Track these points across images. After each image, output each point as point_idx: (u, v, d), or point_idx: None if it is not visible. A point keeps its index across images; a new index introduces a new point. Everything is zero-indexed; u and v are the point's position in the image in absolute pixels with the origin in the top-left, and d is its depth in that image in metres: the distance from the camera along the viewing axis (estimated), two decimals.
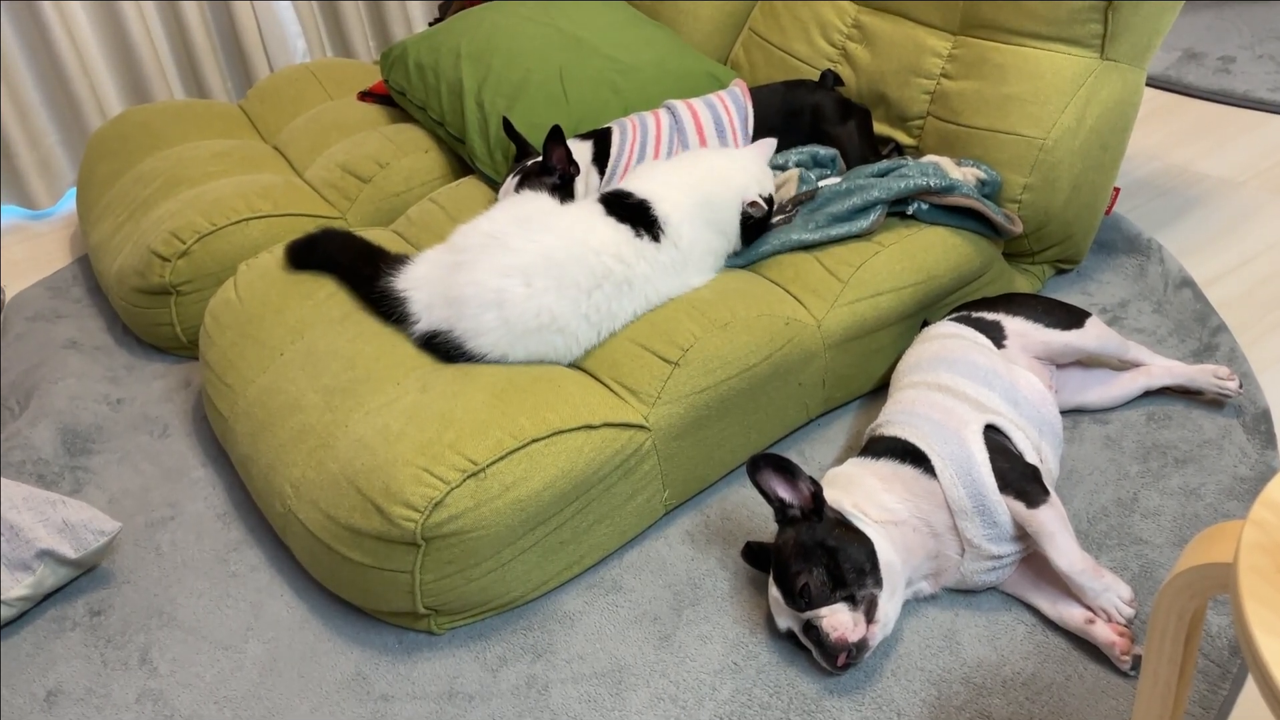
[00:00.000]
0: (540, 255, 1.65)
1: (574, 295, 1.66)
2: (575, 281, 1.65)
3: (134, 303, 2.23)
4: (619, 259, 1.68)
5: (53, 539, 1.64)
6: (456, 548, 1.49)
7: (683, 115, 2.07)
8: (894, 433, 1.56)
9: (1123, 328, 1.97)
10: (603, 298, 1.68)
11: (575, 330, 1.68)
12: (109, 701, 1.52)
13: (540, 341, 1.66)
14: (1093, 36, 1.89)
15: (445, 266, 1.71)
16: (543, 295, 1.64)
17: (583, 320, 1.67)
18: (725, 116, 2.07)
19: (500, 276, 1.64)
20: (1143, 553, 1.54)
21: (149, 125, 2.65)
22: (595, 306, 1.68)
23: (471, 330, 1.66)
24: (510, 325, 1.65)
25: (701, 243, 1.77)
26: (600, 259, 1.67)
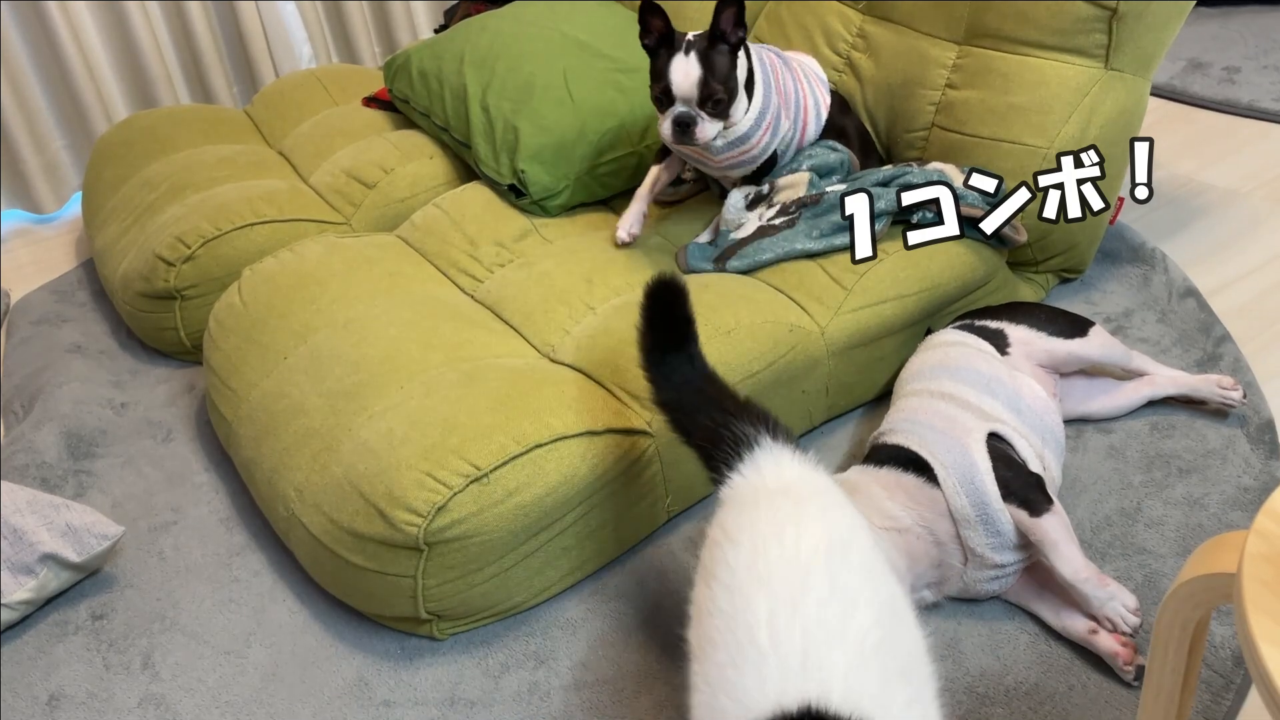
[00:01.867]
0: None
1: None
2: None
3: (138, 307, 2.24)
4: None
5: (56, 543, 1.64)
6: (459, 553, 1.49)
7: (785, 59, 2.03)
8: (897, 441, 1.56)
9: (1127, 337, 1.96)
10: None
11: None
12: (111, 706, 1.52)
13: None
14: (1097, 46, 1.90)
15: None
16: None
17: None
18: (808, 70, 2.07)
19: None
20: (1146, 563, 1.53)
21: (155, 130, 2.66)
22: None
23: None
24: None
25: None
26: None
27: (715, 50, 1.77)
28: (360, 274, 1.97)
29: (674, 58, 1.77)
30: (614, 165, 2.16)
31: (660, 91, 1.80)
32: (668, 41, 1.79)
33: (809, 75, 2.07)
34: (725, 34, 1.78)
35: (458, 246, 2.07)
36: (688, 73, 1.76)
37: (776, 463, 1.25)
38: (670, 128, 1.80)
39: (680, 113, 1.79)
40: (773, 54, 2.02)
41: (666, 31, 1.78)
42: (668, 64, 1.77)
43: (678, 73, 1.76)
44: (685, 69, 1.76)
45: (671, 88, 1.77)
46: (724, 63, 1.78)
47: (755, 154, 1.93)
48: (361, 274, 1.97)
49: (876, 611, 1.05)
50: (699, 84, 1.76)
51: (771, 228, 1.92)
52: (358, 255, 2.03)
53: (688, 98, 1.77)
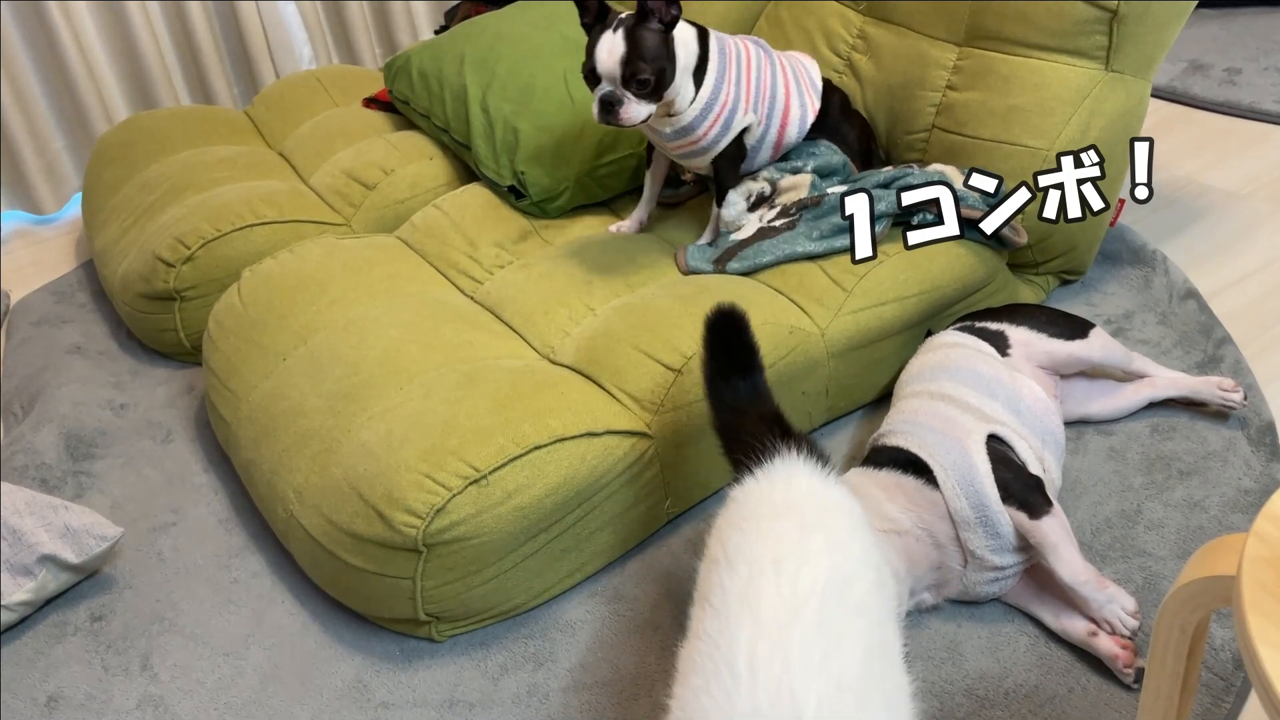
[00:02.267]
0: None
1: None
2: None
3: (138, 308, 2.24)
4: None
5: (55, 544, 1.64)
6: (458, 554, 1.49)
7: (771, 55, 2.01)
8: (896, 442, 1.56)
9: (1127, 339, 1.96)
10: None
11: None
12: (109, 707, 1.52)
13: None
14: (1097, 48, 1.90)
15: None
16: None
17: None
18: (801, 71, 2.05)
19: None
20: (1146, 565, 1.53)
21: (155, 131, 2.65)
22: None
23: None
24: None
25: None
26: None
27: (643, 28, 1.70)
28: (360, 275, 1.97)
29: (602, 35, 1.71)
30: (614, 167, 2.16)
31: (587, 70, 1.74)
32: (602, 19, 1.73)
33: (800, 77, 2.04)
34: (654, 11, 1.71)
35: (457, 248, 2.07)
36: (612, 50, 1.69)
37: (790, 473, 1.24)
38: (596, 108, 1.74)
39: (606, 92, 1.72)
40: (758, 48, 1.99)
41: (601, 9, 1.74)
42: (596, 41, 1.71)
43: (603, 50, 1.70)
44: (610, 46, 1.70)
45: (596, 66, 1.71)
46: (653, 41, 1.71)
47: (704, 145, 1.89)
48: (361, 275, 1.97)
49: (863, 652, 1.03)
50: (622, 62, 1.69)
51: (772, 229, 1.92)
52: (357, 256, 2.03)
53: (612, 76, 1.70)
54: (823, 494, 1.22)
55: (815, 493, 1.22)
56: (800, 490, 1.22)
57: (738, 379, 1.43)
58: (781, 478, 1.23)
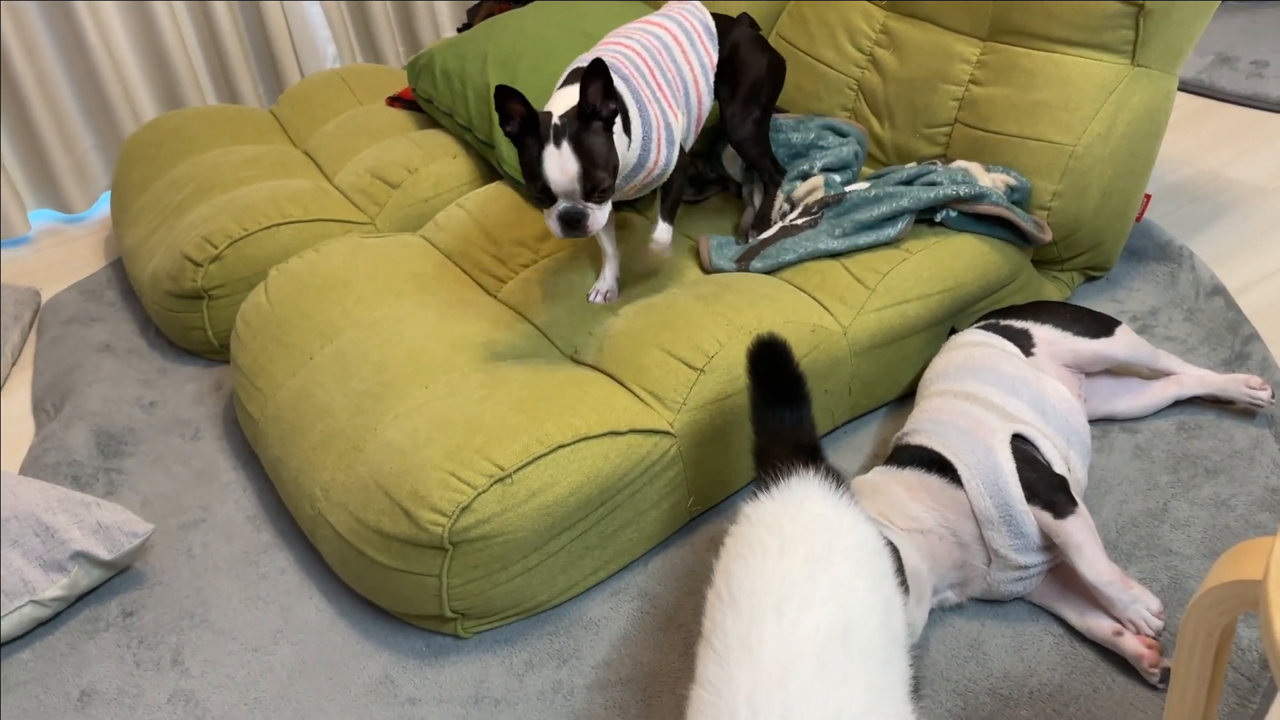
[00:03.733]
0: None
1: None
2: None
3: (167, 306, 2.26)
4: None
5: (87, 540, 1.67)
6: (483, 552, 1.50)
7: (657, 34, 1.87)
8: (920, 441, 1.55)
9: (1153, 336, 1.95)
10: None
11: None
12: (141, 702, 1.54)
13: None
14: (1123, 42, 1.88)
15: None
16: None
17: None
18: (689, 26, 1.92)
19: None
20: (1172, 564, 1.52)
21: (182, 131, 2.68)
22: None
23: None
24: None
25: None
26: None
27: (589, 132, 1.56)
28: (385, 275, 1.99)
29: (545, 150, 1.54)
30: None
31: (539, 190, 1.58)
32: (532, 128, 1.56)
33: (689, 29, 1.89)
34: (596, 110, 1.56)
35: (481, 247, 2.08)
36: (564, 167, 1.54)
37: (803, 496, 1.23)
38: (558, 226, 1.60)
39: (565, 209, 1.58)
40: (644, 40, 1.82)
41: (528, 115, 1.56)
42: (539, 157, 1.55)
43: (553, 169, 1.55)
44: (560, 163, 1.54)
45: (550, 185, 1.56)
46: (601, 145, 1.57)
47: (660, 170, 1.78)
48: (386, 275, 1.99)
49: (865, 694, 1.03)
50: (579, 178, 1.55)
51: (794, 228, 1.92)
52: (382, 256, 2.04)
53: (569, 193, 1.57)
54: (833, 523, 1.21)
55: (825, 522, 1.20)
56: (810, 519, 1.20)
57: (784, 408, 1.42)
58: (794, 502, 1.23)
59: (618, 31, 1.90)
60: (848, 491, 1.27)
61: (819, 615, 1.08)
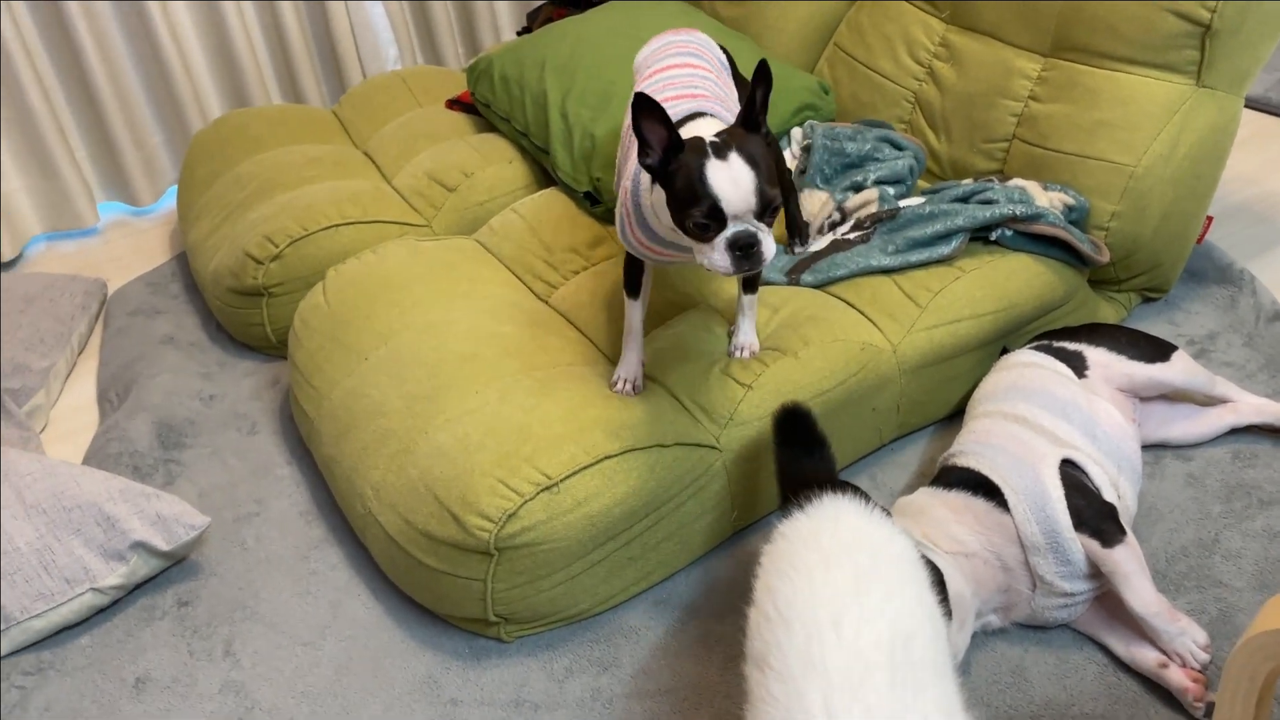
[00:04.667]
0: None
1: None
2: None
3: (228, 302, 2.32)
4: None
5: (146, 531, 1.72)
6: (528, 559, 1.53)
7: (701, 74, 1.70)
8: (967, 463, 1.55)
9: (1211, 361, 1.92)
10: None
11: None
12: (194, 690, 1.59)
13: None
14: (1188, 63, 1.85)
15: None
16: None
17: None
18: (712, 58, 1.79)
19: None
20: (1221, 596, 1.50)
21: (247, 129, 2.74)
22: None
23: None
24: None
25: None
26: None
27: (757, 142, 1.37)
28: (440, 278, 2.02)
29: (708, 165, 1.33)
30: None
31: (705, 214, 1.34)
32: (678, 151, 1.36)
33: (715, 64, 1.75)
34: (761, 121, 1.40)
35: (533, 252, 2.10)
36: (736, 179, 1.33)
37: (837, 512, 1.25)
38: (727, 256, 1.35)
39: (737, 233, 1.34)
40: (700, 78, 1.64)
41: (673, 141, 1.36)
42: (700, 175, 1.33)
43: (723, 182, 1.32)
44: (732, 175, 1.33)
45: (721, 204, 1.33)
46: (769, 158, 1.37)
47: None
48: (441, 278, 2.02)
49: (934, 708, 1.04)
50: (755, 191, 1.33)
51: (845, 242, 1.92)
52: (438, 259, 2.08)
53: (746, 211, 1.34)
54: (873, 536, 1.22)
55: (865, 536, 1.22)
56: (849, 533, 1.21)
57: (807, 461, 1.46)
58: (829, 517, 1.24)
59: (671, 70, 1.70)
60: (878, 507, 1.28)
61: (878, 627, 1.10)
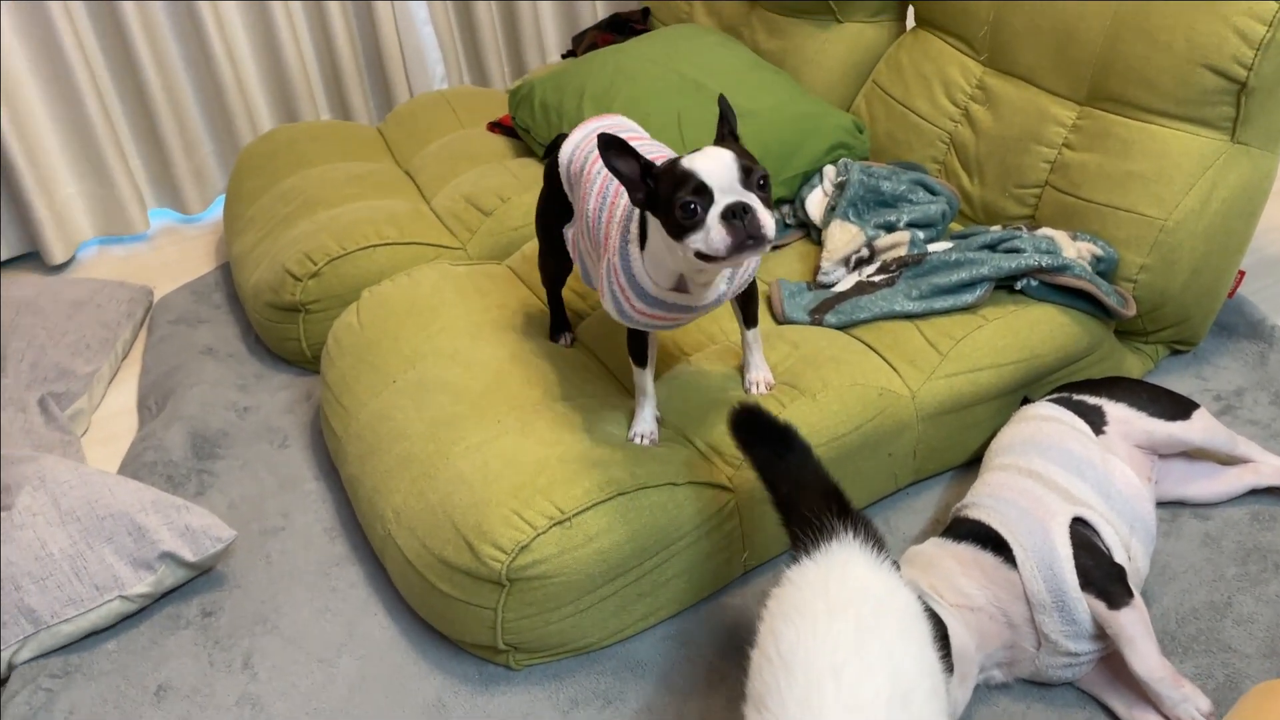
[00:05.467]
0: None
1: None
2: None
3: (266, 316, 2.38)
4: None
5: (175, 542, 1.77)
6: (539, 590, 1.56)
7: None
8: (978, 516, 1.55)
9: (1236, 418, 1.90)
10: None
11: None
12: (212, 701, 1.64)
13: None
14: (1224, 119, 1.84)
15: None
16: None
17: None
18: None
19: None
20: (1230, 661, 1.49)
21: (294, 144, 2.81)
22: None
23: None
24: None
25: None
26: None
27: (727, 143, 1.44)
28: (470, 304, 2.06)
29: (684, 159, 1.39)
30: None
31: (692, 191, 1.35)
32: (652, 171, 1.41)
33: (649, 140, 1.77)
34: (735, 136, 1.46)
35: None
36: (715, 157, 1.37)
37: (846, 560, 1.25)
38: (724, 231, 1.34)
39: (730, 203, 1.34)
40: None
41: (645, 164, 1.41)
42: (681, 166, 1.37)
43: (703, 162, 1.36)
44: (710, 156, 1.37)
45: (704, 178, 1.35)
46: (740, 150, 1.42)
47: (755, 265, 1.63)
48: (472, 304, 2.06)
49: None
50: (735, 163, 1.36)
51: (870, 285, 1.93)
52: (469, 285, 2.12)
53: (729, 183, 1.35)
54: (878, 588, 1.23)
55: (870, 588, 1.23)
56: (855, 583, 1.23)
57: (787, 456, 1.43)
58: (837, 565, 1.25)
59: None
60: (885, 554, 1.29)
61: (878, 680, 1.12)
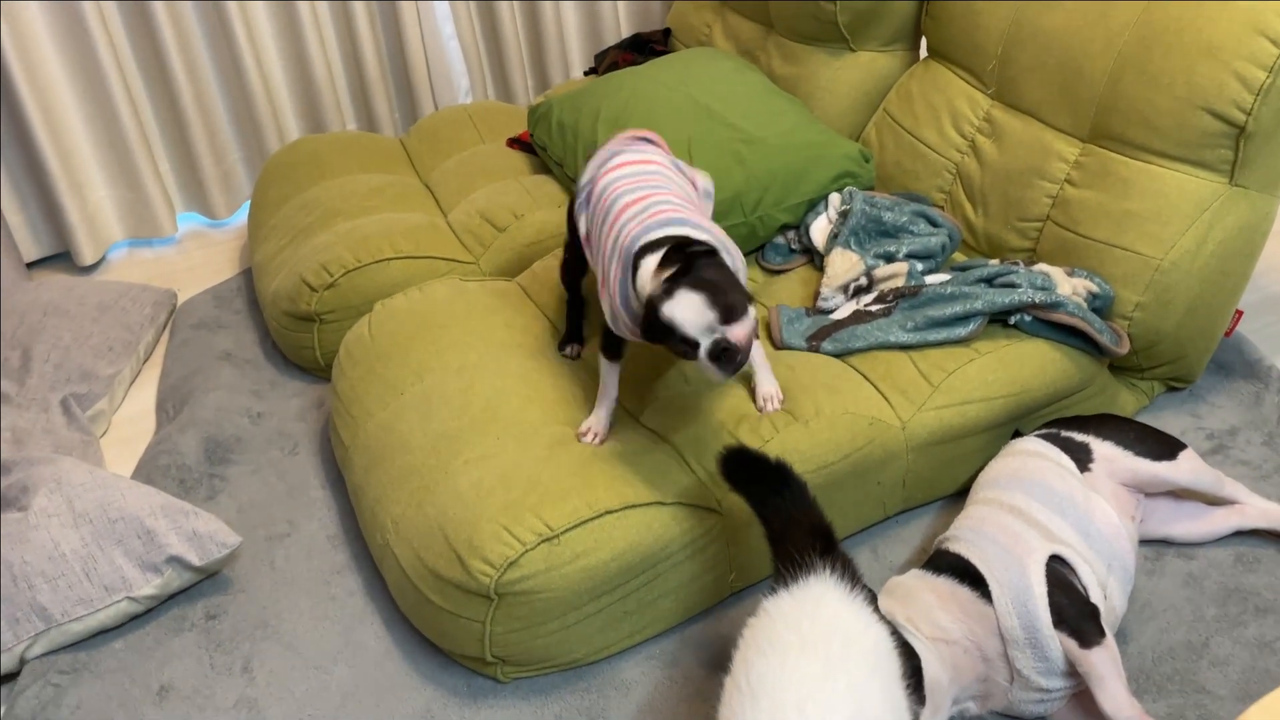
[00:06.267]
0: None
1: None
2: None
3: (283, 324, 2.44)
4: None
5: (181, 546, 1.83)
6: (526, 606, 1.60)
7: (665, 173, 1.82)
8: (958, 550, 1.58)
9: (1228, 458, 1.91)
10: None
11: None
12: (211, 703, 1.70)
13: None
14: (1222, 162, 1.85)
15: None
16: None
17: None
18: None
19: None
20: (1202, 703, 1.51)
21: (318, 155, 2.87)
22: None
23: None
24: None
25: None
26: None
27: (703, 266, 1.50)
28: (479, 321, 2.10)
29: (662, 309, 1.48)
30: (729, 234, 2.22)
31: (679, 343, 1.49)
32: (650, 313, 1.50)
33: (667, 160, 1.86)
34: (689, 245, 1.52)
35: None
36: (690, 306, 1.46)
37: (821, 596, 1.29)
38: (714, 369, 1.49)
39: (712, 343, 1.47)
40: (666, 179, 1.77)
41: (648, 311, 1.51)
42: (660, 320, 1.48)
43: (680, 314, 1.47)
44: (685, 305, 1.46)
45: (684, 331, 1.47)
46: (718, 271, 1.50)
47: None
48: (480, 321, 2.10)
49: None
50: (710, 307, 1.46)
51: (867, 314, 1.96)
52: (479, 302, 2.16)
53: (706, 328, 1.47)
54: (850, 626, 1.27)
55: (841, 625, 1.26)
56: (827, 620, 1.26)
57: (782, 492, 1.48)
58: (812, 600, 1.29)
59: (636, 177, 1.77)
60: (862, 590, 1.33)
61: (841, 716, 1.15)
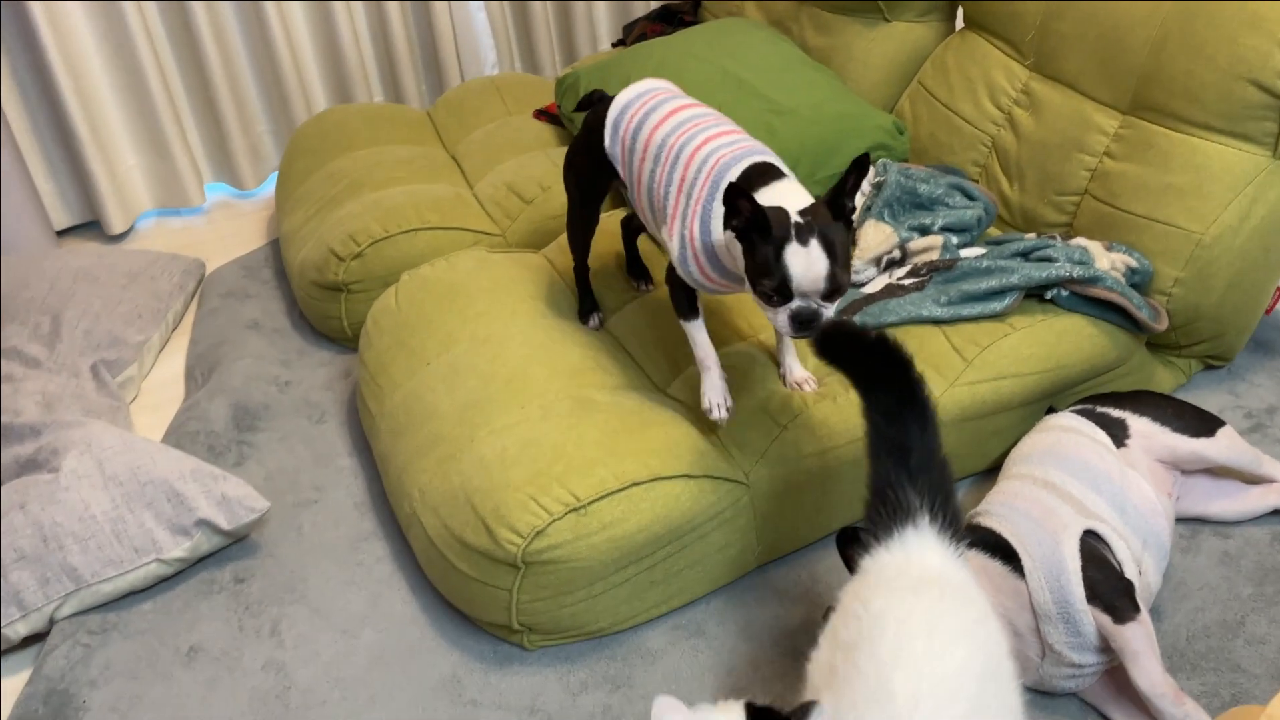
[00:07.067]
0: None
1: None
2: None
3: (310, 294, 2.44)
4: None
5: (211, 510, 1.84)
6: (552, 575, 1.60)
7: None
8: (990, 524, 1.56)
9: (1265, 437, 1.88)
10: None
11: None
12: (239, 665, 1.71)
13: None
14: (1266, 135, 1.81)
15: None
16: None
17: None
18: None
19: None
20: (1237, 681, 1.49)
21: (345, 126, 2.87)
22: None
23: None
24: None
25: None
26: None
27: (837, 229, 1.45)
28: (504, 292, 2.10)
29: (787, 248, 1.42)
30: None
31: (775, 288, 1.44)
32: (762, 224, 1.43)
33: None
34: (845, 207, 1.47)
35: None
36: (811, 265, 1.42)
37: (923, 550, 1.25)
38: (790, 325, 1.47)
39: (800, 308, 1.45)
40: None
41: (756, 215, 1.43)
42: (778, 255, 1.42)
43: (798, 266, 1.42)
44: (808, 261, 1.42)
45: (792, 284, 1.43)
46: (846, 243, 1.46)
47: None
48: (506, 292, 2.10)
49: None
50: (826, 277, 1.43)
51: (900, 288, 1.94)
52: (505, 274, 2.16)
53: (813, 292, 1.45)
54: (955, 578, 1.24)
55: (949, 576, 1.24)
56: (934, 571, 1.24)
57: (905, 413, 1.30)
58: (916, 554, 1.25)
59: (689, 109, 1.77)
60: (961, 546, 1.27)
61: (967, 648, 1.15)
